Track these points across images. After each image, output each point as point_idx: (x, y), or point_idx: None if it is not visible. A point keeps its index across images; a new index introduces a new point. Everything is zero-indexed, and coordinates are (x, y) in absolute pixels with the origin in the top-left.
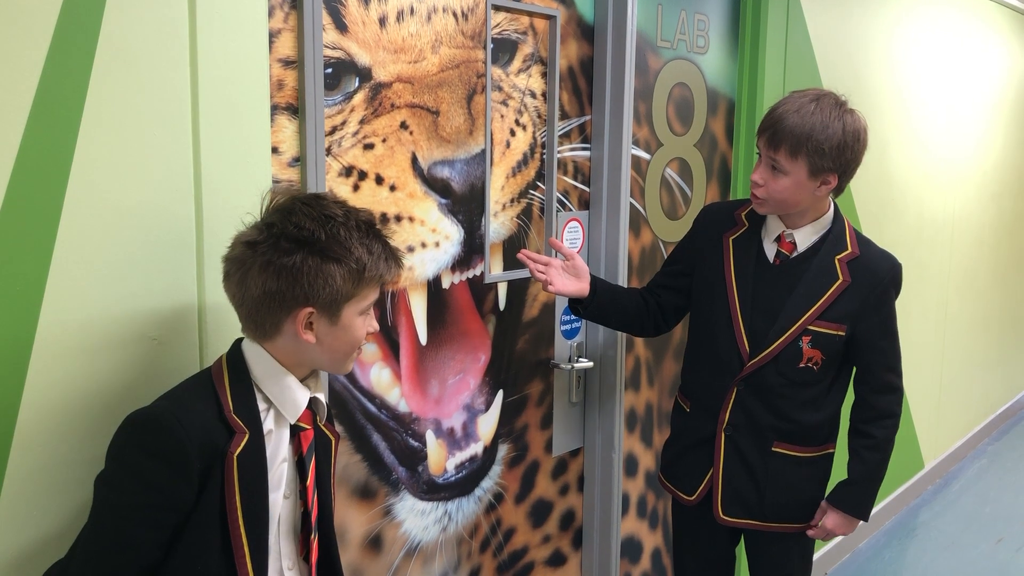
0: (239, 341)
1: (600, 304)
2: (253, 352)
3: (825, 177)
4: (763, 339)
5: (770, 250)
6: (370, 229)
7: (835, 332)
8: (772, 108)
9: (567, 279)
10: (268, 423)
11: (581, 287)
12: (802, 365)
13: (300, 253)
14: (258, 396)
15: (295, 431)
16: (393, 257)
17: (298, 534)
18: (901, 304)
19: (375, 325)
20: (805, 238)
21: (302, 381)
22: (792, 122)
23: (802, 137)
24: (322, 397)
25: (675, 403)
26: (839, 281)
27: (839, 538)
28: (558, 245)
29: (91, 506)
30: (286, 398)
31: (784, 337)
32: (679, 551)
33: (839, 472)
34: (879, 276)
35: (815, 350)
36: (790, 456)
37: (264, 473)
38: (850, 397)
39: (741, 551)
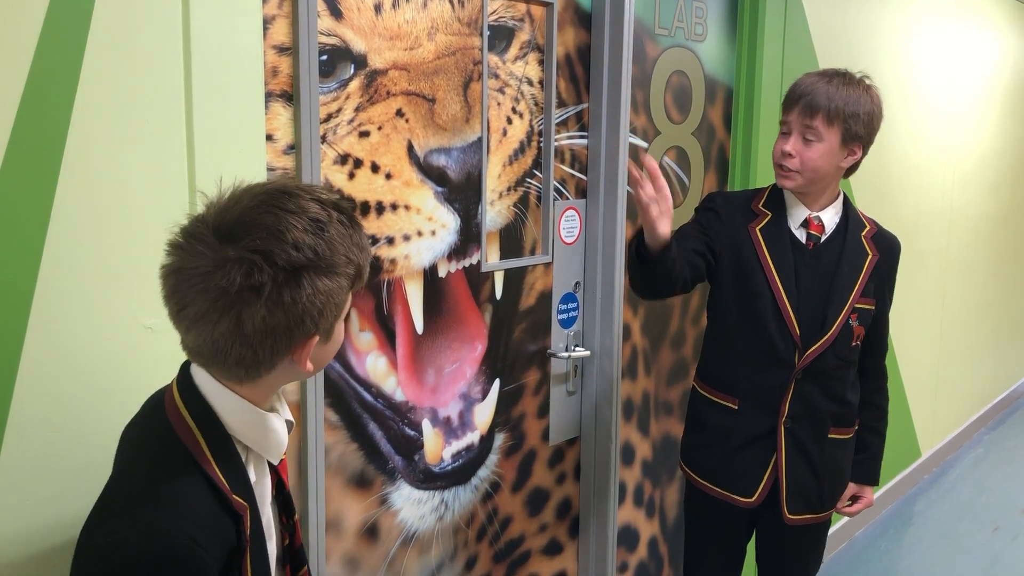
0: (189, 380)
1: (672, 249)
2: (223, 400)
3: (852, 147)
4: (819, 324)
5: (800, 235)
6: (352, 220)
7: (870, 307)
8: (797, 84)
9: (665, 219)
10: (251, 474)
11: (669, 229)
12: (854, 344)
13: (307, 279)
14: (237, 448)
15: (272, 466)
16: (368, 247)
17: (283, 567)
18: (897, 293)
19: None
20: (829, 220)
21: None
22: (827, 91)
23: (840, 102)
24: (291, 416)
25: (709, 402)
26: (871, 256)
27: (837, 525)
28: (654, 168)
29: None
30: (269, 442)
31: (840, 318)
32: (693, 544)
33: None
34: (894, 250)
35: (861, 327)
36: (840, 440)
37: (263, 536)
38: None
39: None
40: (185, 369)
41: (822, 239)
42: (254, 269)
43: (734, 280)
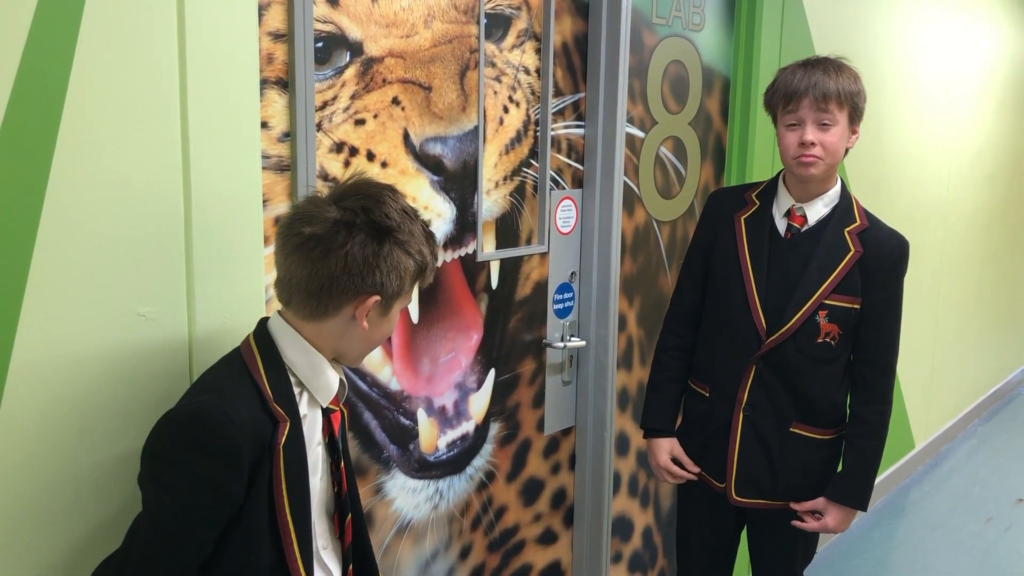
0: (264, 321)
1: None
2: (285, 334)
3: (854, 127)
4: (780, 315)
5: (781, 225)
6: (429, 232)
7: (851, 306)
8: (790, 79)
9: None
10: (303, 407)
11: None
12: (820, 340)
13: (388, 243)
14: (292, 380)
15: (324, 412)
16: (435, 258)
17: (331, 514)
18: None
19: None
20: (815, 211)
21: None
22: (828, 78)
23: (845, 86)
24: (344, 378)
25: (690, 390)
26: (851, 252)
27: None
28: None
29: (143, 506)
30: (320, 382)
31: (801, 312)
32: (684, 532)
33: None
34: (887, 251)
35: (832, 324)
36: (807, 438)
37: (304, 459)
38: None
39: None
40: (262, 321)
41: (802, 230)
42: (351, 214)
43: (714, 268)
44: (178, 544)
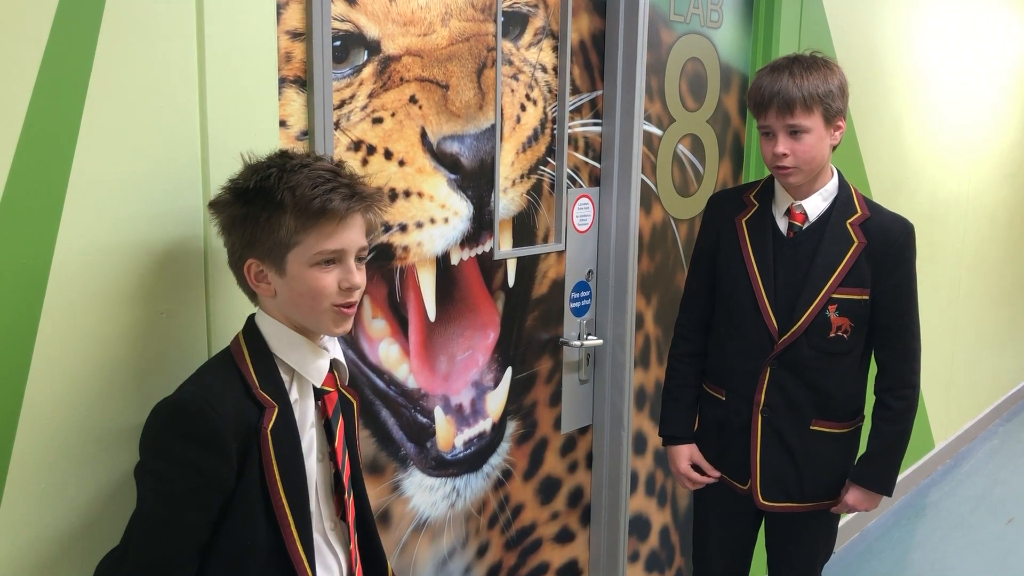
0: (252, 316)
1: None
2: (266, 323)
3: (836, 122)
4: (791, 314)
5: (783, 224)
6: (309, 171)
7: (860, 297)
8: (759, 86)
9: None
10: (293, 393)
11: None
12: (832, 335)
13: (235, 205)
14: (280, 368)
15: (319, 395)
16: (338, 193)
17: (333, 495)
18: None
19: (351, 279)
20: (815, 207)
21: (319, 345)
22: (795, 83)
23: (811, 88)
24: (341, 359)
25: (705, 394)
26: (855, 244)
27: (848, 516)
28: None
29: (137, 497)
30: (308, 364)
31: (811, 308)
32: (701, 531)
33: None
34: (892, 237)
35: (843, 318)
36: (828, 433)
37: (297, 442)
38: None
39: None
40: (250, 317)
41: (803, 228)
42: (223, 191)
43: (721, 273)
44: (170, 529)
